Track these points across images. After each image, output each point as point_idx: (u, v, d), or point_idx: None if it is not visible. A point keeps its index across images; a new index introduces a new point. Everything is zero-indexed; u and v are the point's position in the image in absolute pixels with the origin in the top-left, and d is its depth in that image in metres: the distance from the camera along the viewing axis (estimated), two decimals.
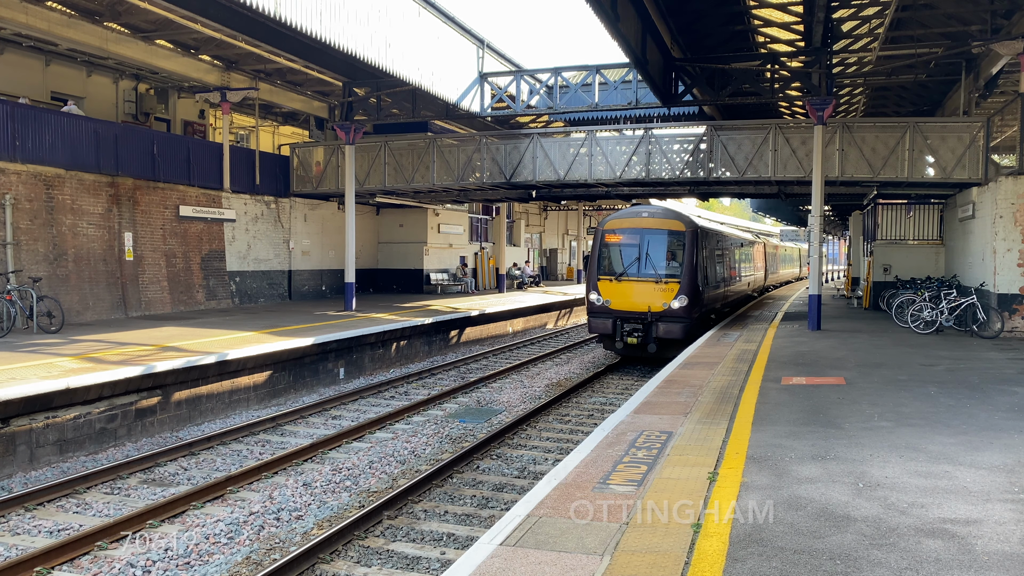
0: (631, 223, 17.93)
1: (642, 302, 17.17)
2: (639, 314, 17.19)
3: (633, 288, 17.34)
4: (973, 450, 7.30)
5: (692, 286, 17.17)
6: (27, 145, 16.91)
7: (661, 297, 17.05)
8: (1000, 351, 14.51)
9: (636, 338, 17.18)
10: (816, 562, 4.72)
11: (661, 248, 17.55)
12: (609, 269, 17.77)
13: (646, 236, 17.58)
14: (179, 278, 20.97)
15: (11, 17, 17.08)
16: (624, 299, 17.35)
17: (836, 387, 10.61)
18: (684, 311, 16.93)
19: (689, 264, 17.26)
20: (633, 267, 17.49)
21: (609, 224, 18.15)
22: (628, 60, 18.39)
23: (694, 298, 17.21)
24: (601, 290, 17.60)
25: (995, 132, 21.45)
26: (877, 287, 24.52)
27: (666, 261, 17.50)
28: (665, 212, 18.49)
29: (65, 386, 10.53)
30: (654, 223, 17.77)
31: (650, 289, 17.19)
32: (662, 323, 16.99)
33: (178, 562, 7.31)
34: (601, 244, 18.02)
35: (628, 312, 17.29)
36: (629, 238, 17.74)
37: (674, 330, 16.88)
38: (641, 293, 17.22)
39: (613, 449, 7.36)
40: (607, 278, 17.60)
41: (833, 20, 17.51)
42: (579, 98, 23.13)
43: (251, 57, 22.00)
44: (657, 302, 17.05)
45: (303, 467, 10.40)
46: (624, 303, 17.34)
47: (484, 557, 4.86)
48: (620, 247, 17.83)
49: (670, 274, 17.26)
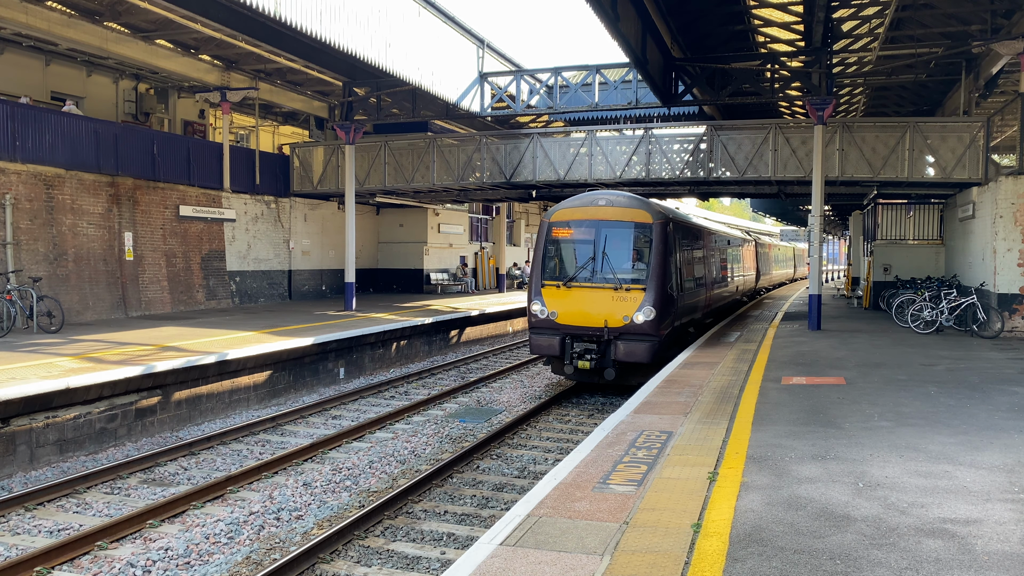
0: (585, 213, 14.50)
1: (597, 315, 13.85)
2: (593, 330, 13.87)
3: (586, 297, 13.99)
4: (973, 450, 7.30)
5: (662, 294, 13.86)
6: (27, 145, 16.91)
7: (622, 308, 13.73)
8: (1000, 351, 14.51)
9: (589, 361, 13.64)
10: (816, 562, 4.72)
11: (623, 245, 14.24)
12: (556, 272, 14.45)
13: (603, 230, 14.18)
14: (179, 278, 20.97)
15: (11, 17, 17.08)
16: (575, 311, 14.01)
17: (836, 387, 10.61)
18: (651, 326, 13.61)
19: (659, 266, 13.92)
20: (586, 270, 14.12)
21: (558, 214, 14.73)
22: (628, 60, 18.39)
23: (664, 309, 13.93)
24: (546, 299, 14.22)
25: (995, 132, 21.44)
26: (877, 287, 24.52)
27: (629, 262, 14.25)
28: (629, 200, 14.62)
29: (65, 386, 10.52)
30: (614, 213, 14.34)
31: (608, 298, 13.86)
32: (623, 342, 13.70)
33: (178, 562, 7.31)
34: (547, 240, 14.67)
35: (579, 328, 13.94)
36: (582, 232, 14.41)
37: (638, 351, 13.62)
38: (596, 303, 13.90)
39: (613, 449, 7.36)
40: (553, 284, 14.26)
41: (833, 20, 17.51)
42: (579, 98, 23.12)
43: (251, 57, 22.00)
44: (616, 315, 13.72)
45: (303, 467, 10.40)
46: (574, 316, 13.99)
47: (484, 557, 4.86)
48: (570, 244, 14.54)
49: (634, 279, 13.95)
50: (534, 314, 14.35)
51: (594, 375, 14.20)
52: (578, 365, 13.80)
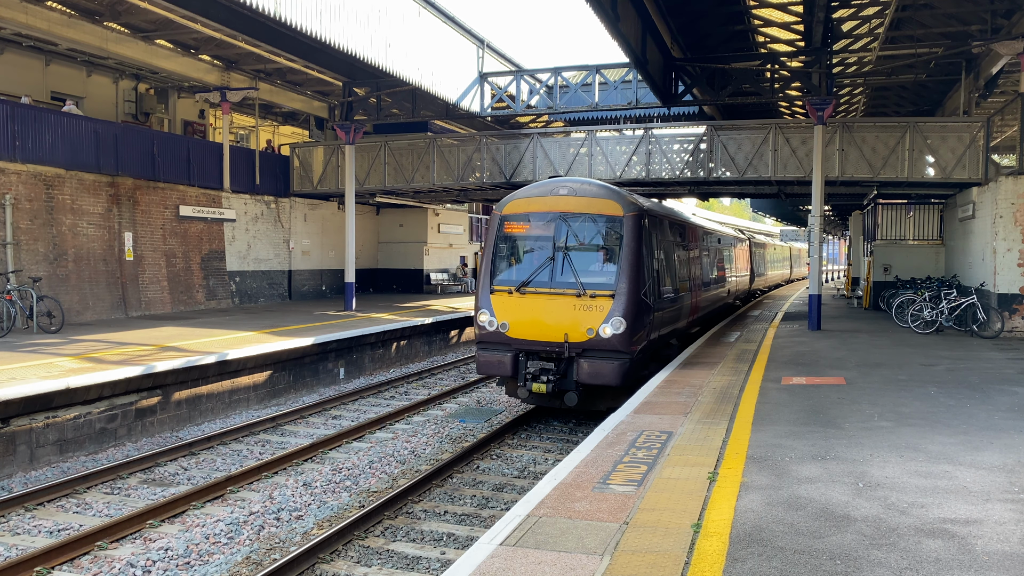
0: (543, 204, 12.19)
1: (556, 326, 11.50)
2: (552, 346, 11.51)
3: (543, 305, 11.64)
4: (973, 450, 7.30)
5: (635, 301, 11.48)
6: (27, 145, 16.91)
7: (586, 319, 11.41)
8: (1000, 351, 14.51)
9: (546, 383, 11.36)
10: (816, 562, 4.72)
11: (588, 242, 12.01)
12: (508, 275, 12.11)
13: (565, 224, 11.92)
14: (179, 278, 20.97)
15: (11, 17, 17.08)
16: (529, 322, 11.66)
17: (836, 387, 10.61)
18: (621, 340, 11.28)
19: (631, 267, 11.57)
20: (544, 272, 11.76)
21: (511, 206, 12.43)
22: (628, 60, 18.40)
23: (637, 319, 11.53)
24: (495, 308, 11.87)
25: (995, 132, 21.43)
26: (877, 287, 24.52)
27: (595, 263, 11.93)
28: (597, 188, 12.27)
29: (65, 386, 10.52)
30: (578, 204, 12.01)
31: (569, 307, 11.49)
32: (586, 360, 11.37)
33: (178, 562, 7.31)
34: (498, 237, 12.33)
35: (535, 343, 11.63)
36: (539, 227, 12.13)
37: (604, 371, 11.30)
38: (555, 313, 11.55)
39: (613, 449, 7.36)
40: (504, 289, 11.89)
41: (833, 20, 17.52)
42: (579, 98, 23.13)
43: (251, 57, 22.01)
44: (579, 327, 11.39)
45: (303, 467, 10.40)
46: (529, 328, 11.66)
47: (484, 557, 4.85)
48: (525, 241, 12.27)
49: (601, 283, 11.57)
50: (481, 325, 12.05)
51: (554, 399, 12.01)
52: (532, 388, 11.47)
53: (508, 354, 11.81)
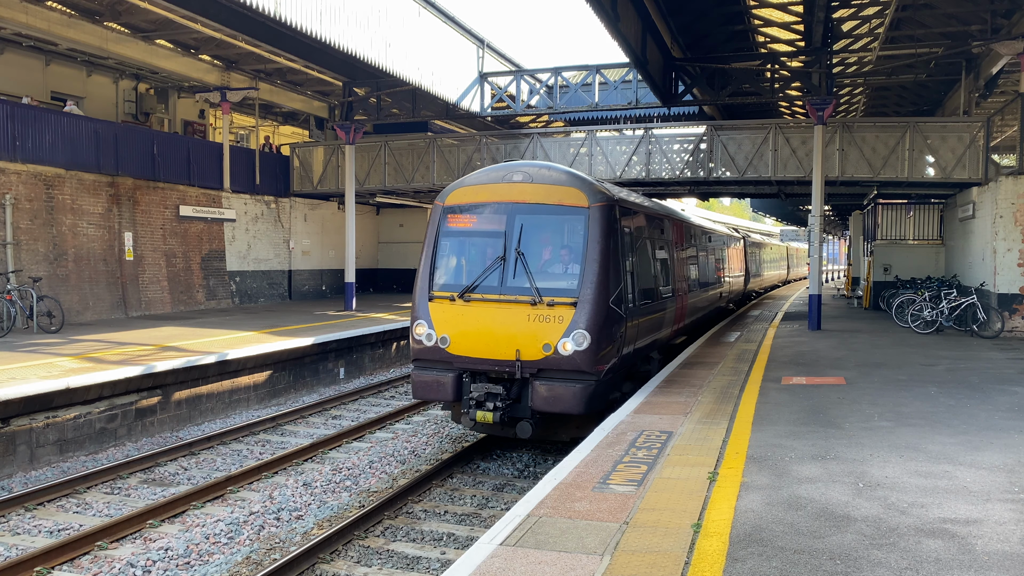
0: (493, 193, 10.28)
1: (507, 341, 9.60)
2: (501, 364, 9.63)
3: (492, 315, 9.75)
4: (973, 450, 7.30)
5: (602, 310, 9.59)
6: (27, 145, 16.91)
7: (542, 332, 9.51)
8: (1000, 351, 14.51)
9: (493, 411, 9.55)
10: (816, 562, 4.72)
11: (545, 239, 10.17)
12: (450, 279, 10.22)
13: (518, 217, 10.03)
14: (179, 278, 20.97)
15: (11, 17, 17.08)
16: (475, 335, 9.77)
17: (836, 387, 10.61)
18: (585, 358, 9.37)
19: (599, 269, 9.67)
20: (492, 275, 9.86)
21: (456, 195, 10.49)
22: (628, 60, 18.39)
23: (606, 332, 9.63)
24: (435, 318, 9.98)
25: (995, 132, 21.43)
26: (877, 287, 24.53)
27: (555, 264, 10.09)
28: (558, 175, 10.26)
29: (65, 386, 10.52)
30: (534, 193, 10.07)
31: (522, 317, 9.61)
32: (543, 383, 9.48)
33: (178, 562, 7.31)
34: (439, 232, 10.42)
35: (481, 361, 9.74)
36: (488, 220, 10.23)
37: (565, 396, 9.38)
38: (506, 324, 9.66)
39: (613, 449, 7.36)
40: (446, 296, 10.00)
41: (833, 20, 17.52)
42: (579, 98, 23.12)
43: (251, 57, 22.00)
44: (534, 342, 9.51)
45: (303, 467, 10.40)
46: (474, 343, 9.76)
47: (484, 557, 4.85)
48: (471, 239, 10.39)
49: (561, 288, 9.69)
50: (417, 339, 10.09)
51: (506, 428, 10.00)
52: (476, 417, 9.60)
53: (449, 374, 9.93)
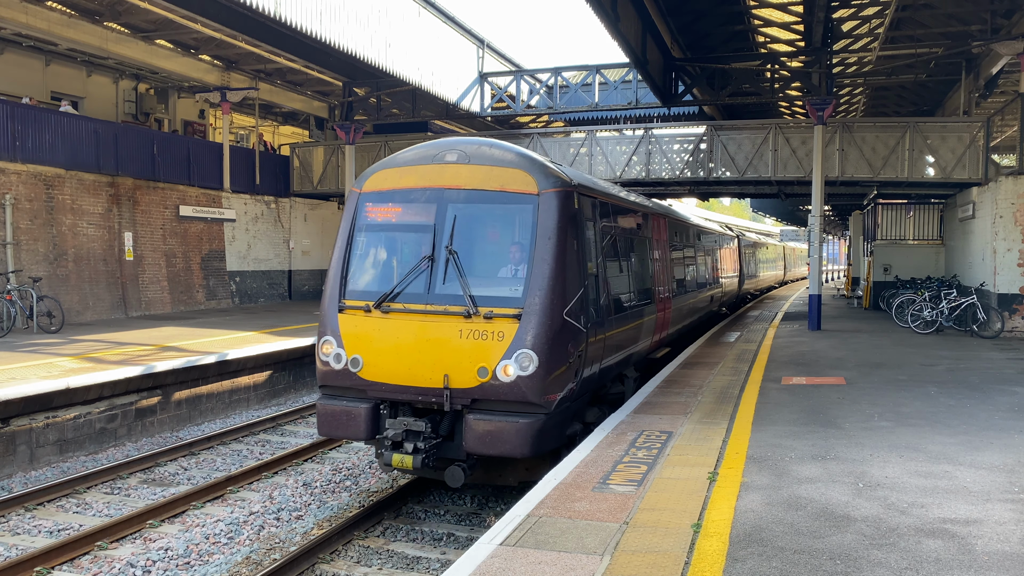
0: (420, 177, 8.26)
1: (434, 363, 7.65)
2: (426, 393, 7.69)
3: (415, 331, 7.76)
4: (973, 450, 7.30)
5: (554, 324, 7.58)
6: (27, 145, 16.91)
7: (478, 353, 7.54)
8: (1000, 351, 14.51)
9: (414, 452, 7.60)
10: (816, 562, 4.72)
11: (485, 235, 8.22)
12: (366, 285, 8.30)
13: (451, 207, 8.05)
14: (179, 278, 20.97)
15: (11, 17, 17.08)
16: (394, 357, 7.81)
17: (836, 387, 10.61)
18: (532, 386, 7.41)
19: (550, 272, 7.64)
20: (417, 281, 7.93)
21: (375, 179, 8.51)
22: (628, 60, 18.40)
23: (559, 351, 7.63)
24: (345, 335, 8.14)
25: (995, 132, 21.45)
26: (877, 287, 24.53)
27: (496, 266, 8.09)
28: (501, 153, 8.23)
29: (65, 386, 10.52)
30: (471, 176, 8.08)
31: (453, 334, 7.64)
32: (479, 417, 7.51)
33: (178, 562, 7.31)
34: (353, 226, 8.49)
35: (401, 388, 7.78)
36: (414, 211, 8.26)
37: (506, 435, 7.39)
38: (433, 342, 7.69)
39: (613, 449, 7.35)
40: (359, 306, 8.10)
41: (833, 20, 17.52)
42: (579, 98, 23.13)
43: (251, 57, 22.01)
44: (468, 364, 7.55)
45: (303, 467, 10.40)
46: (393, 366, 7.80)
47: (484, 557, 4.85)
48: (393, 233, 8.49)
49: (502, 297, 7.71)
50: (324, 361, 8.27)
51: (426, 470, 7.87)
52: (392, 461, 7.59)
53: (362, 405, 7.90)
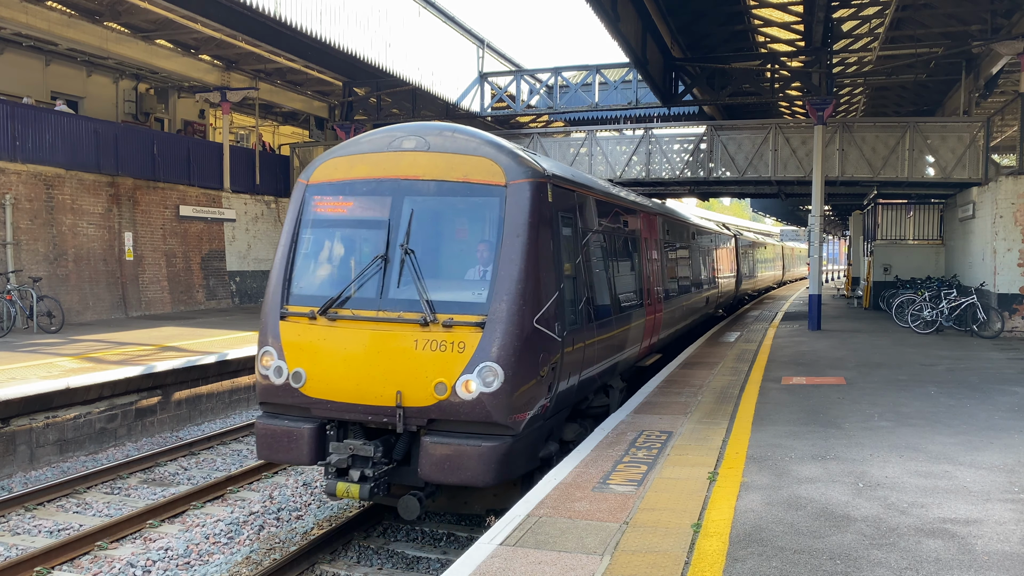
0: (374, 166, 7.34)
1: (385, 378, 6.80)
2: (377, 412, 6.84)
3: (364, 341, 6.89)
4: (973, 450, 7.30)
5: (523, 333, 6.73)
6: (27, 145, 16.91)
7: (435, 366, 6.70)
8: (1000, 351, 14.51)
9: (361, 480, 6.74)
10: (816, 562, 4.72)
11: (445, 232, 7.37)
12: (311, 289, 7.31)
13: (408, 200, 7.16)
14: (179, 278, 20.97)
15: (11, 17, 17.08)
16: (341, 370, 6.92)
17: (836, 387, 10.61)
18: (498, 404, 6.60)
19: (519, 273, 6.78)
20: (369, 284, 7.05)
21: (324, 169, 7.60)
22: (628, 60, 18.41)
23: (528, 364, 6.80)
24: (286, 344, 7.12)
25: (995, 132, 21.45)
26: (877, 287, 24.53)
27: (458, 267, 7.26)
28: (465, 140, 7.30)
29: (65, 386, 10.52)
30: (430, 165, 7.17)
31: (407, 344, 6.77)
32: (437, 440, 6.66)
33: (178, 562, 7.31)
34: (298, 222, 7.53)
35: (349, 406, 6.91)
36: (367, 205, 7.38)
37: (468, 461, 6.55)
38: (385, 354, 6.83)
39: (613, 449, 7.35)
40: (303, 313, 7.10)
41: (833, 20, 17.52)
42: (579, 98, 23.13)
43: (251, 57, 22.01)
44: (424, 379, 6.71)
45: (303, 466, 10.39)
46: (341, 381, 6.92)
47: (484, 557, 4.85)
48: (342, 230, 7.55)
49: (464, 302, 6.84)
50: (264, 374, 7.17)
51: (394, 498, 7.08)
52: (337, 491, 6.72)
53: (306, 425, 6.96)
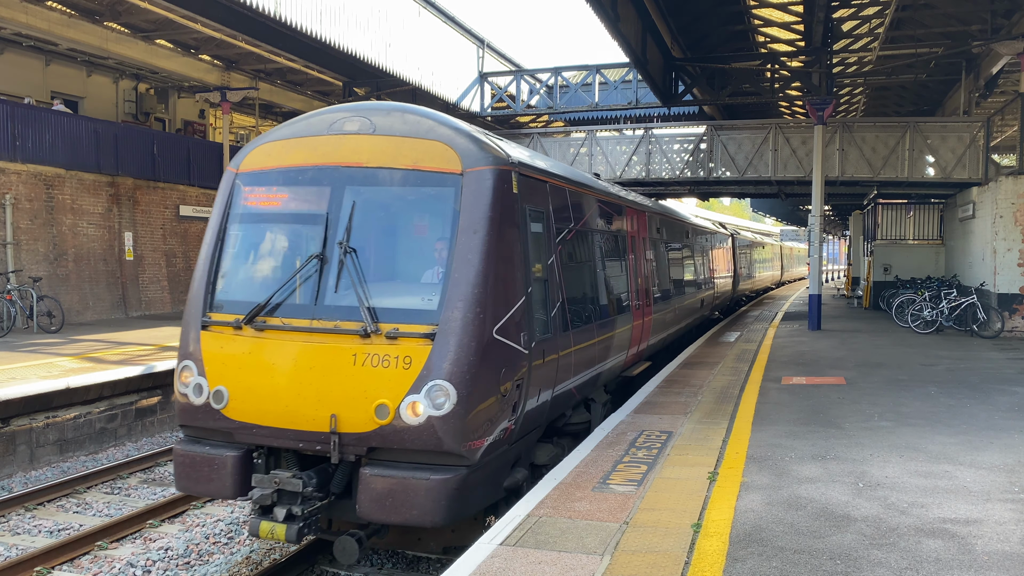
0: (312, 151, 6.38)
1: (319, 398, 5.75)
2: (309, 438, 5.81)
3: (296, 355, 5.86)
4: (973, 450, 7.29)
5: (480, 344, 5.72)
6: (27, 145, 16.92)
7: (377, 385, 5.65)
8: (1000, 351, 14.51)
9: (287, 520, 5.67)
10: (816, 562, 4.72)
11: (392, 227, 6.36)
12: (237, 294, 6.34)
13: (350, 191, 6.20)
14: (179, 278, 20.97)
15: (11, 17, 17.08)
16: (269, 389, 5.88)
17: (836, 387, 10.61)
18: (450, 429, 5.58)
19: (478, 276, 5.78)
20: (303, 288, 6.09)
21: (256, 155, 6.64)
22: (628, 60, 18.40)
23: (488, 381, 5.83)
24: (208, 358, 6.12)
25: (995, 132, 21.46)
26: (877, 287, 24.53)
27: (407, 268, 6.32)
28: (416, 120, 6.28)
29: (65, 386, 10.52)
30: (376, 151, 6.19)
31: (345, 359, 5.74)
32: (377, 472, 5.64)
33: (178, 562, 7.31)
34: (227, 215, 6.58)
35: (277, 432, 5.87)
36: (303, 196, 6.41)
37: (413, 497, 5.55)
38: (319, 370, 5.79)
39: (613, 449, 7.35)
40: (228, 321, 6.14)
41: (833, 20, 17.52)
42: (579, 98, 23.13)
43: (251, 57, 22.00)
44: (364, 401, 5.66)
45: None
46: (268, 401, 5.88)
47: (484, 557, 4.85)
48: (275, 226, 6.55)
49: (411, 309, 5.87)
50: (183, 393, 6.22)
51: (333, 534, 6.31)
52: (260, 531, 5.74)
53: (228, 453, 6.04)
